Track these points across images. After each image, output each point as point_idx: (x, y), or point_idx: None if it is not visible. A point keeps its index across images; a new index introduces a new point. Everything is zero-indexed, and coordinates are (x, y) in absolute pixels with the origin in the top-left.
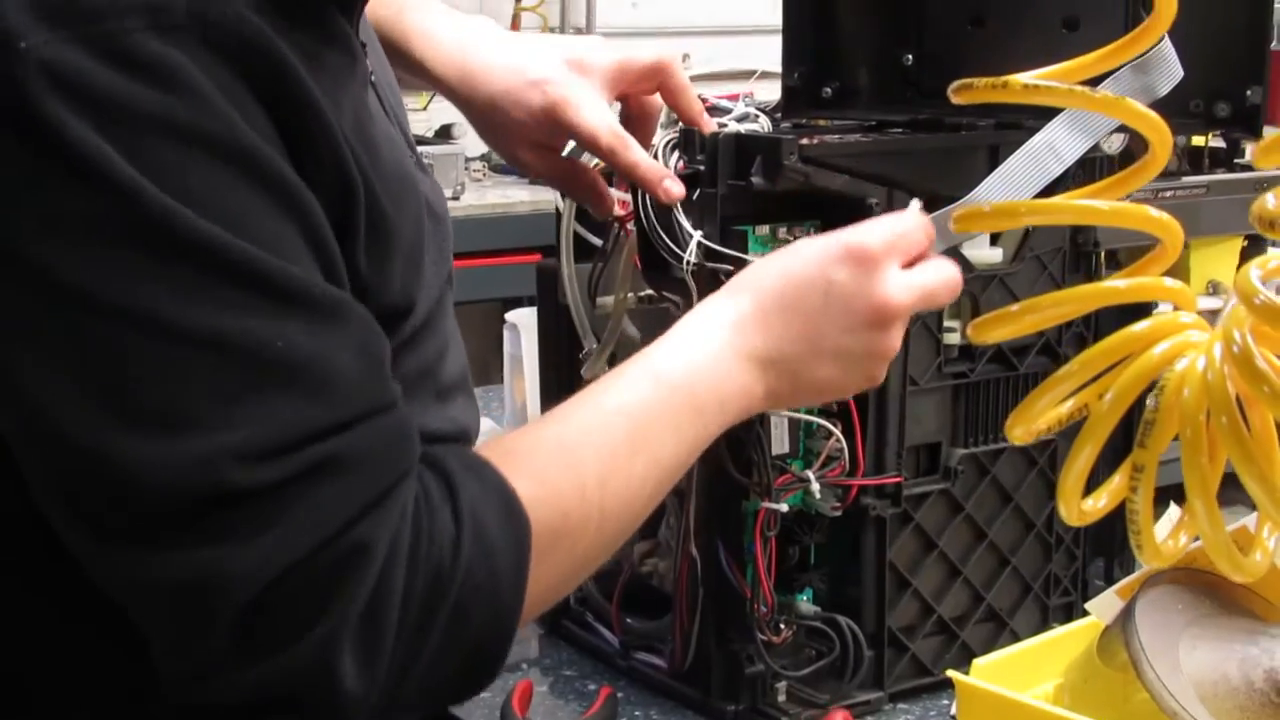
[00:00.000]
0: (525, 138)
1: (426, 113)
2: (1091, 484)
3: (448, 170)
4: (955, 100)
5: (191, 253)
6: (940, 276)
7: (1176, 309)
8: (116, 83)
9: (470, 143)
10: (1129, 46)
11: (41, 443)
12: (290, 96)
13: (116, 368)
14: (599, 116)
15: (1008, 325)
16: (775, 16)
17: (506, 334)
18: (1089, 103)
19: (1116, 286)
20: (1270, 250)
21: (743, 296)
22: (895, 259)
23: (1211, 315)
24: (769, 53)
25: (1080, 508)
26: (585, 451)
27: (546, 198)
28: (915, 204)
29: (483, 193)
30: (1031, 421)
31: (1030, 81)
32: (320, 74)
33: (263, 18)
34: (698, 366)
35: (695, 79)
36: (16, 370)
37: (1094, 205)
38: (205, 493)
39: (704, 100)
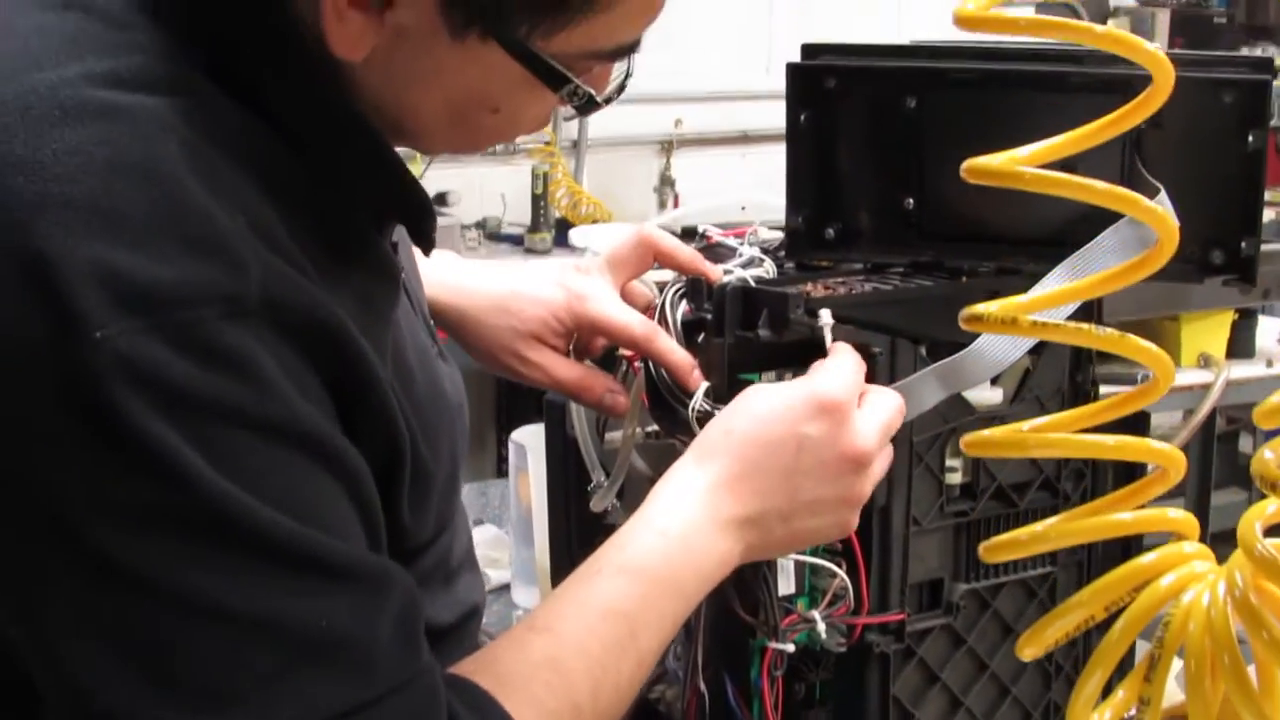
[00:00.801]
0: (534, 336)
1: (421, 179)
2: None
3: (442, 240)
4: (966, 328)
5: (248, 539)
6: (892, 408)
7: (1179, 538)
8: (190, 374)
9: (465, 210)
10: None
11: (74, 707)
12: (349, 365)
13: (162, 643)
14: (625, 307)
15: (1016, 550)
16: (767, 81)
17: (512, 449)
18: (1093, 340)
19: (1122, 520)
20: (1266, 445)
21: (714, 463)
22: (855, 403)
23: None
24: (759, 117)
25: None
26: (577, 666)
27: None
28: (828, 321)
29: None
30: (1043, 643)
31: (1038, 320)
32: (371, 320)
33: (322, 280)
34: (677, 551)
35: (687, 238)
36: (57, 637)
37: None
38: None
39: (708, 238)
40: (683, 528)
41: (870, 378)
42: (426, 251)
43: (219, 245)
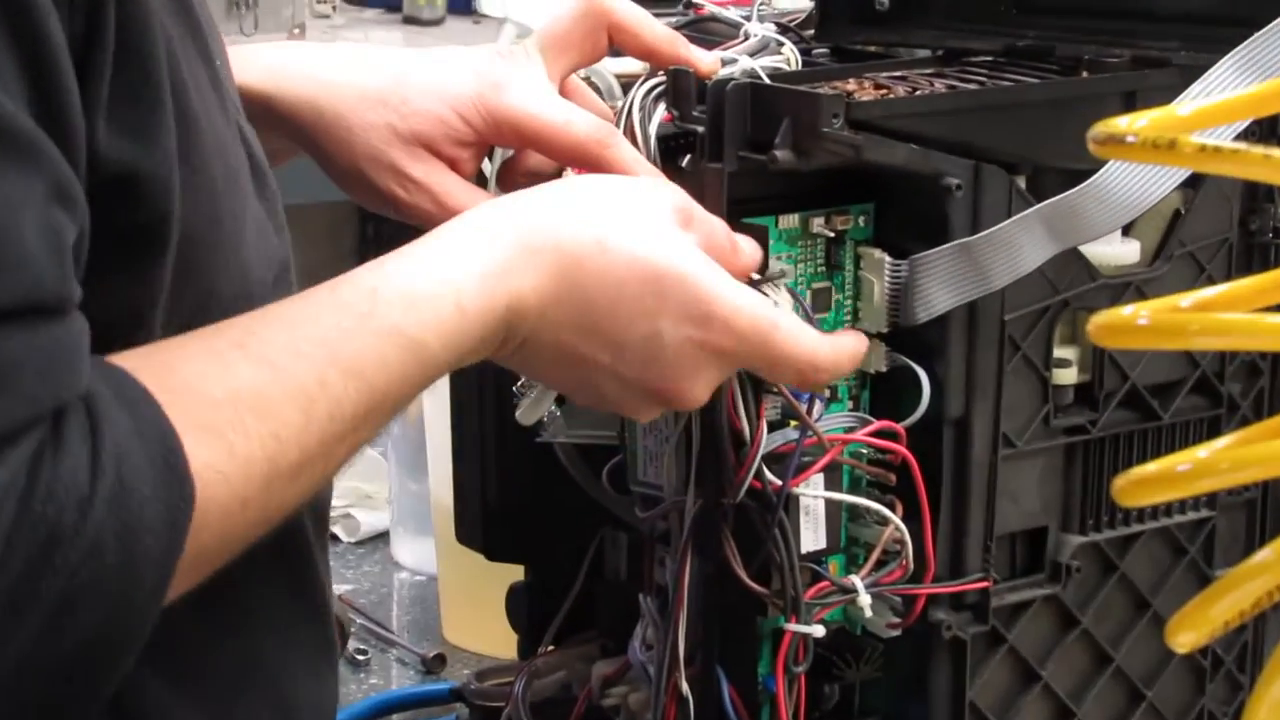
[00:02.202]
0: (422, 142)
1: None
2: None
3: (280, 8)
4: (1098, 154)
5: None
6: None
7: None
8: None
9: None
10: None
11: None
12: None
13: None
14: (565, 103)
15: (1168, 487)
16: None
17: None
18: None
19: None
20: None
21: (535, 265)
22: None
23: None
24: None
25: None
26: (290, 423)
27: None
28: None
29: (333, 34)
30: (1207, 627)
31: (1211, 143)
32: None
33: None
34: (458, 332)
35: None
36: None
37: None
38: None
39: (697, 8)
40: (480, 314)
41: (945, 221)
42: None
43: None
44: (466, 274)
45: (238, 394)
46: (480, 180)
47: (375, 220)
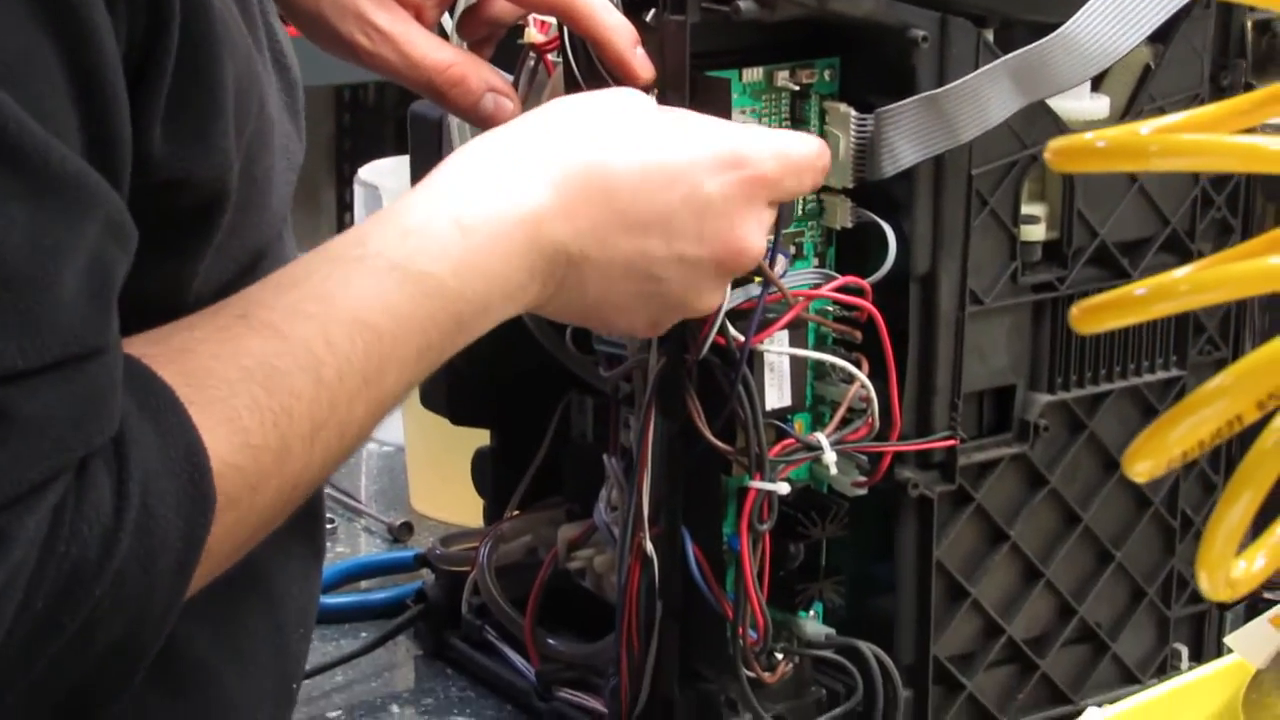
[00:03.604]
0: None
1: None
2: None
3: None
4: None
5: None
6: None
7: None
8: None
9: None
10: None
11: None
12: None
13: None
14: None
15: (1129, 312)
16: None
17: (359, 194)
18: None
19: None
20: None
21: (560, 165)
22: (779, 194)
23: None
24: None
25: (1229, 575)
26: (301, 389)
27: None
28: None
29: None
30: (1163, 453)
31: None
32: None
33: None
34: (470, 261)
35: None
36: None
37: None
38: None
39: None
40: (488, 232)
41: (911, 74)
42: None
43: None
44: (461, 196)
45: (249, 371)
46: (441, 34)
47: (352, 110)
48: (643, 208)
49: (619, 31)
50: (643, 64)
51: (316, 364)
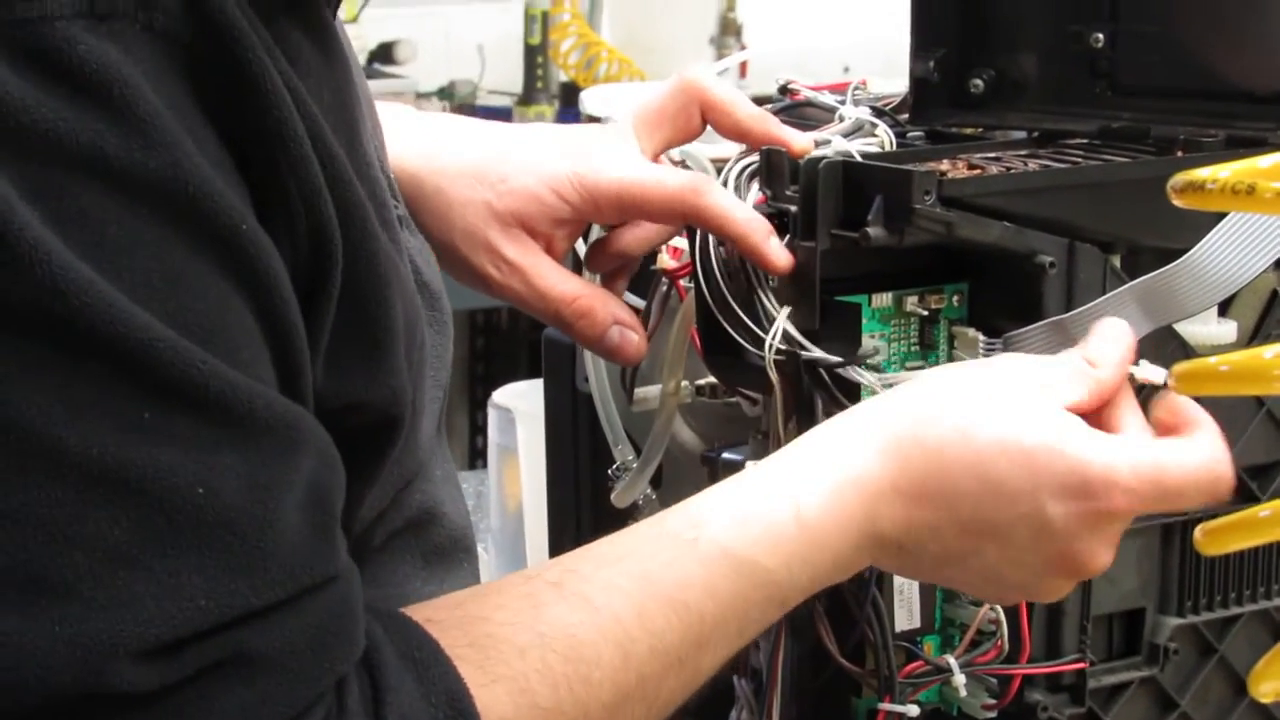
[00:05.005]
0: (519, 220)
1: (357, 25)
2: None
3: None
4: (1178, 203)
5: (97, 348)
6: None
7: None
8: (26, 97)
9: (423, 70)
10: None
11: None
12: (261, 111)
13: None
14: (659, 166)
15: (1254, 534)
16: None
17: (492, 419)
18: None
19: None
20: None
21: (896, 462)
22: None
23: None
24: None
25: None
26: (607, 661)
27: None
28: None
29: None
30: None
31: None
32: (300, 77)
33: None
34: (803, 545)
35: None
36: None
37: None
38: (69, 691)
39: (793, 94)
40: (820, 518)
41: (1039, 299)
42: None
43: None
44: (805, 483)
45: (545, 639)
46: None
47: (486, 333)
48: (982, 510)
49: (752, 225)
50: (778, 253)
51: (626, 638)
